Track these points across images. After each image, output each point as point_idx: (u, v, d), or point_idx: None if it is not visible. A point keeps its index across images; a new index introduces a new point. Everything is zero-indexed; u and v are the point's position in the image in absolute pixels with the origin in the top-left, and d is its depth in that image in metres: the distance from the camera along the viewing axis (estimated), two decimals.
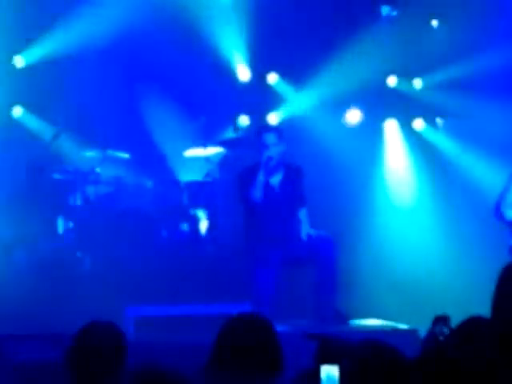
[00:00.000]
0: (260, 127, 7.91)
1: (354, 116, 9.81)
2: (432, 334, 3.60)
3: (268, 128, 7.76)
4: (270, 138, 7.33)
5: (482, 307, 3.28)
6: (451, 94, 9.62)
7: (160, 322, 7.18)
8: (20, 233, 8.26)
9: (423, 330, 6.15)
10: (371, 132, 9.79)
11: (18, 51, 9.08)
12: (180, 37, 9.22)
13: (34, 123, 9.21)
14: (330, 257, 7.20)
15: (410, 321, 7.10)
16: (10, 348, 6.06)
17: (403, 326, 6.98)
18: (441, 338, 3.49)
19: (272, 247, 7.14)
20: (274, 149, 7.29)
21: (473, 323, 3.19)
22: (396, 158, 9.96)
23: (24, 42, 9.03)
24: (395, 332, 6.81)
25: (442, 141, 9.90)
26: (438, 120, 9.96)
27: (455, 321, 3.55)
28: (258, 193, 7.23)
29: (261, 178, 7.25)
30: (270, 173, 7.32)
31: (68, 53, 9.00)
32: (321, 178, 7.63)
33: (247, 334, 3.29)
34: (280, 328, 5.90)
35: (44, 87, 8.97)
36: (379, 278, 8.81)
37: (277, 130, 7.55)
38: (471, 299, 6.55)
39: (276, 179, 7.40)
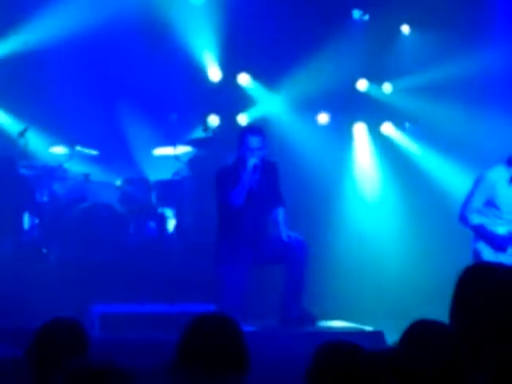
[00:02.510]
0: (245, 129, 7.48)
1: (323, 119, 9.87)
2: None
3: (253, 131, 7.08)
4: (255, 142, 6.88)
5: (444, 310, 3.30)
6: (420, 99, 9.70)
7: (125, 320, 7.14)
8: None
9: (390, 331, 6.25)
10: (340, 135, 9.84)
11: None
12: (151, 36, 9.21)
13: (1, 118, 9.13)
14: (302, 259, 6.99)
15: (377, 323, 7.14)
16: None
17: (368, 328, 7.01)
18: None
19: (245, 246, 6.92)
20: (258, 153, 6.88)
21: (421, 327, 3.16)
22: (364, 160, 10.03)
23: None
24: (360, 334, 6.84)
25: (409, 144, 9.98)
26: (406, 124, 10.04)
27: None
28: (240, 200, 6.89)
29: (245, 185, 6.87)
30: (252, 178, 6.95)
31: (37, 49, 8.93)
32: (289, 180, 7.58)
33: (213, 334, 3.28)
34: (247, 328, 5.96)
35: (12, 82, 8.89)
36: (349, 280, 8.86)
37: (262, 133, 7.02)
38: (433, 302, 6.61)
39: (253, 178, 6.98)
